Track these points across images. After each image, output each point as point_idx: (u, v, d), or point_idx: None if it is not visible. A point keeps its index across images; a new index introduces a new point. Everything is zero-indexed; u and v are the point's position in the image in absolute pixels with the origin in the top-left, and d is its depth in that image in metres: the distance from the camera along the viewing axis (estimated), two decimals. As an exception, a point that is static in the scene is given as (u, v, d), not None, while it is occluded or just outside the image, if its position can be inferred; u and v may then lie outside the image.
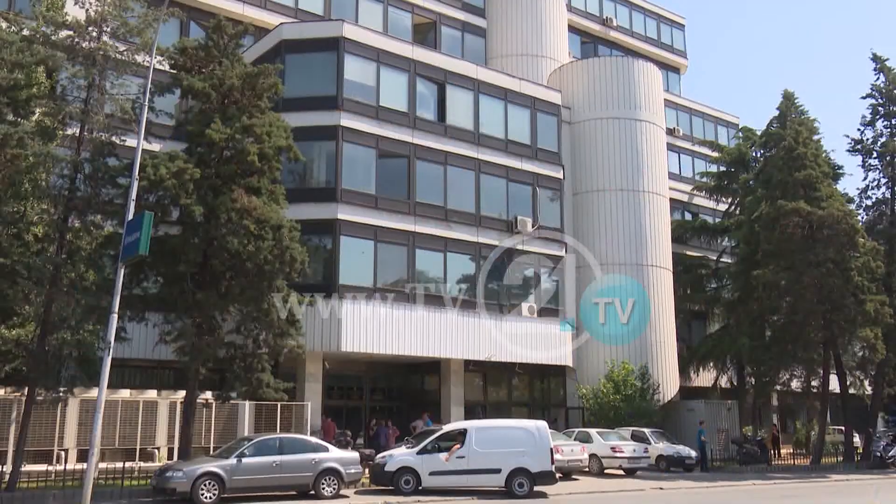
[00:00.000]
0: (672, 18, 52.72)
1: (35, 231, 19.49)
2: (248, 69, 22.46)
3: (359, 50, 29.10)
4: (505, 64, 39.03)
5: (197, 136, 21.32)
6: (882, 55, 38.46)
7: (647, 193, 36.13)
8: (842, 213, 32.10)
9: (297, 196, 25.42)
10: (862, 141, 38.35)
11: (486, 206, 31.41)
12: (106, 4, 20.49)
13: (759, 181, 37.12)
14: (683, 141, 47.78)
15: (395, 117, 29.55)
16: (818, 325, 31.91)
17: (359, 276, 27.57)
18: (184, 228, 20.94)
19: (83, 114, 20.04)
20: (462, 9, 39.88)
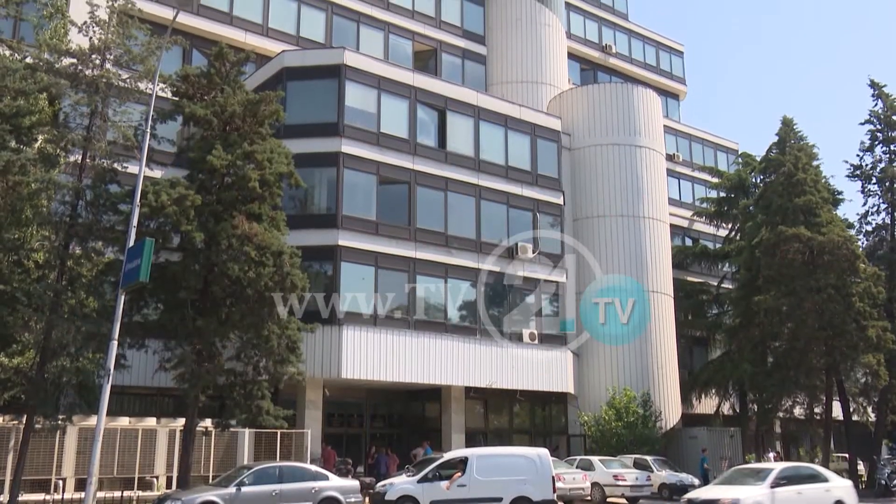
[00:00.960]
0: (671, 45, 53.08)
1: (36, 258, 19.47)
2: (249, 96, 22.57)
3: (360, 77, 29.25)
4: (505, 90, 39.25)
5: (198, 162, 21.36)
6: (879, 81, 38.73)
7: (648, 219, 36.16)
8: (842, 238, 32.08)
9: (297, 222, 25.43)
10: (861, 166, 38.46)
11: (487, 232, 31.41)
12: (109, 32, 20.63)
13: (759, 207, 37.16)
14: (683, 167, 47.91)
15: (395, 143, 29.65)
16: (820, 351, 31.76)
17: (359, 302, 27.48)
18: (184, 255, 20.93)
19: (85, 141, 20.11)
20: (462, 36, 40.16)
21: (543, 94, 39.99)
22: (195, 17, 31.11)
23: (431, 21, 38.93)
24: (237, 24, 32.54)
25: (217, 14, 32.15)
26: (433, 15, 39.10)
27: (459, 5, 40.30)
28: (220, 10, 32.28)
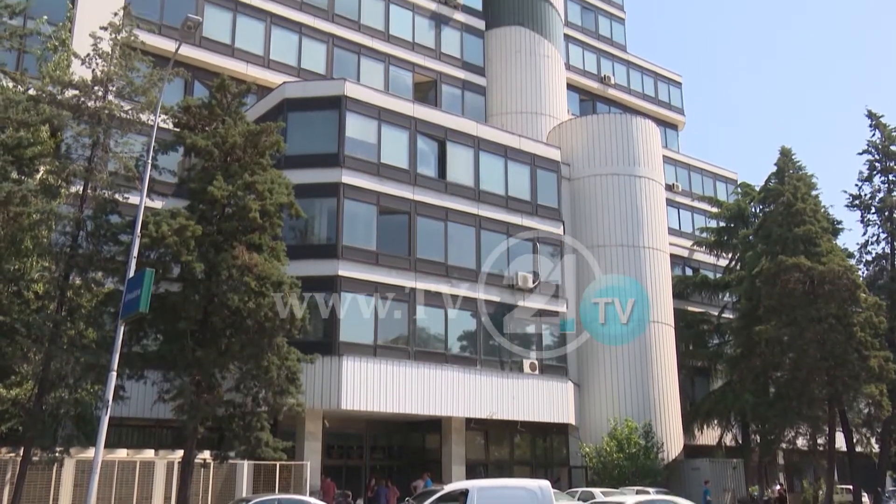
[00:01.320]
0: (669, 76, 53.49)
1: (35, 288, 19.43)
2: (250, 127, 22.68)
3: (360, 108, 29.42)
4: (505, 121, 39.47)
5: (199, 193, 21.40)
6: (877, 112, 39.00)
7: (648, 249, 36.17)
8: (842, 268, 32.08)
9: (298, 252, 25.43)
10: (860, 196, 38.61)
11: (487, 262, 31.39)
12: (112, 64, 20.78)
13: (759, 236, 37.21)
14: (682, 197, 48.04)
15: (395, 174, 29.74)
16: (822, 382, 31.62)
17: (359, 332, 27.42)
18: (184, 285, 20.89)
19: (87, 172, 20.18)
20: (462, 67, 40.47)
21: (543, 124, 40.21)
22: (197, 49, 31.36)
23: (431, 53, 39.26)
24: (239, 55, 32.80)
25: (219, 46, 32.41)
26: (433, 47, 39.44)
27: (459, 37, 40.66)
28: (222, 43, 32.55)
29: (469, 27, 40.99)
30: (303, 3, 35.17)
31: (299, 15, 34.86)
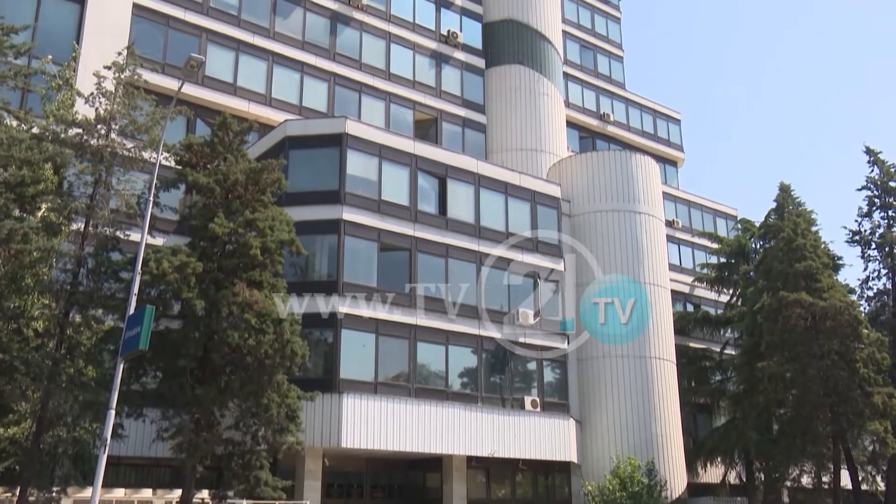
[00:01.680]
0: (668, 114, 53.86)
1: (35, 326, 19.41)
2: (251, 164, 22.83)
3: (361, 145, 29.61)
4: (505, 158, 39.67)
5: (200, 230, 21.48)
6: (875, 148, 39.23)
7: (648, 285, 36.11)
8: (844, 304, 32.02)
9: (298, 289, 25.42)
10: (860, 232, 38.67)
11: (488, 298, 31.37)
12: (115, 103, 20.99)
13: (760, 272, 37.19)
14: (683, 233, 48.12)
15: (396, 210, 29.84)
16: (826, 419, 31.39)
17: (360, 370, 27.30)
18: (185, 322, 20.87)
19: (89, 209, 20.28)
20: (462, 105, 40.78)
21: (543, 161, 40.42)
22: (200, 88, 31.63)
23: (432, 91, 39.60)
24: (241, 94, 33.07)
25: (221, 85, 32.72)
26: (433, 85, 39.80)
27: (459, 76, 41.05)
28: (224, 81, 32.85)
29: (469, 66, 41.39)
30: (305, 42, 35.57)
31: (301, 54, 35.23)
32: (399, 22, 38.95)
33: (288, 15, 35.43)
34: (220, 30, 32.93)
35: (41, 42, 25.48)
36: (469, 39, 41.55)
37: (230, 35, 33.20)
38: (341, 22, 36.98)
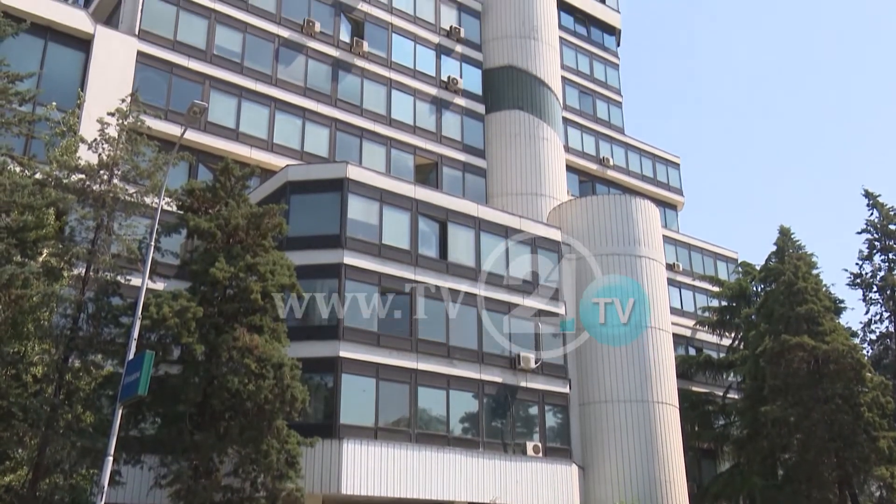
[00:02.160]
0: (667, 158, 54.22)
1: (34, 371, 19.35)
2: (253, 209, 22.93)
3: (362, 190, 29.77)
4: (505, 202, 39.82)
5: (201, 274, 21.50)
6: (874, 191, 39.46)
7: (650, 328, 35.99)
8: (846, 347, 31.93)
9: (298, 334, 25.35)
10: (861, 275, 38.74)
11: (489, 342, 31.24)
12: (118, 149, 21.18)
13: (761, 316, 37.14)
14: (683, 276, 48.09)
15: (397, 255, 29.88)
16: (831, 464, 31.08)
17: (360, 415, 27.10)
18: (184, 367, 20.78)
19: (90, 254, 20.34)
20: (463, 150, 41.08)
21: (543, 205, 40.57)
22: (202, 134, 31.91)
23: (432, 136, 39.93)
24: (243, 139, 33.35)
25: (223, 131, 33.01)
26: (434, 130, 40.15)
27: (459, 121, 41.42)
28: (226, 127, 33.15)
29: (469, 111, 41.79)
30: (307, 88, 35.97)
31: (303, 100, 35.61)
32: (400, 68, 39.44)
33: (290, 62, 35.89)
34: (222, 76, 33.34)
35: (46, 89, 25.82)
36: (469, 85, 42.02)
37: (233, 82, 33.60)
38: (343, 69, 37.45)
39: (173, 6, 32.81)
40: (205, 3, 33.67)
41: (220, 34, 33.90)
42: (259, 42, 34.98)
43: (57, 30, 29.17)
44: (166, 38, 32.24)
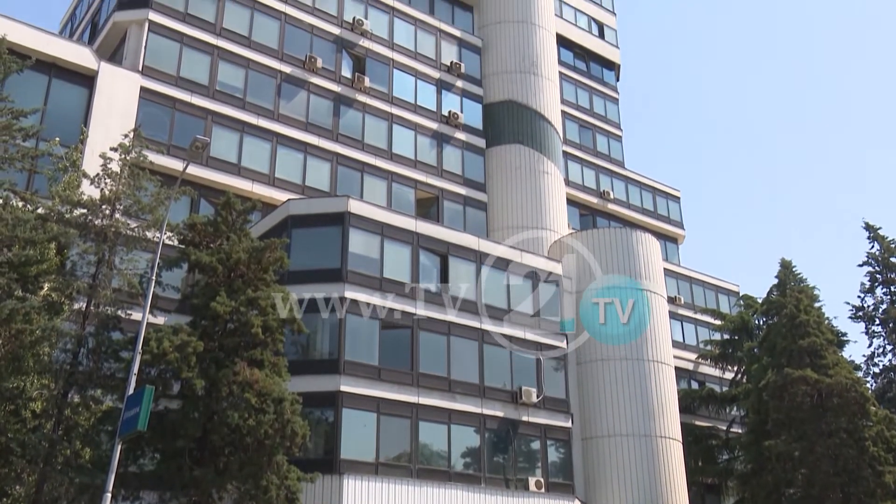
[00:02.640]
0: (667, 191, 54.39)
1: (33, 407, 19.25)
2: (254, 243, 22.99)
3: (363, 224, 29.86)
4: (506, 236, 39.84)
5: (202, 308, 21.49)
6: (874, 224, 39.55)
7: (653, 362, 35.84)
8: (850, 380, 31.77)
9: (299, 368, 25.24)
10: (863, 308, 38.68)
11: (490, 376, 31.11)
12: (121, 184, 21.28)
13: (764, 349, 37.01)
14: (685, 309, 48.00)
15: (398, 288, 29.87)
16: (836, 499, 30.74)
17: (361, 450, 26.90)
18: (184, 402, 20.68)
19: (91, 289, 20.34)
20: (463, 184, 41.24)
21: (544, 238, 40.61)
22: (204, 169, 32.06)
23: (433, 170, 40.11)
24: (245, 174, 33.50)
25: (225, 165, 33.18)
26: (435, 164, 40.34)
27: (460, 155, 41.64)
28: (228, 162, 33.32)
29: (470, 145, 42.02)
30: (308, 123, 36.20)
31: (304, 135, 35.82)
32: (401, 103, 39.74)
33: (292, 97, 36.18)
34: (225, 112, 33.58)
35: (49, 124, 26.04)
36: (470, 120, 42.30)
37: (235, 117, 33.83)
38: (344, 104, 37.73)
39: (177, 43, 33.18)
40: (208, 40, 34.04)
41: (223, 70, 34.22)
42: (261, 78, 35.30)
43: (61, 66, 29.48)
44: (169, 74, 32.55)
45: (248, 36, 35.41)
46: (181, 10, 33.67)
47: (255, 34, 35.70)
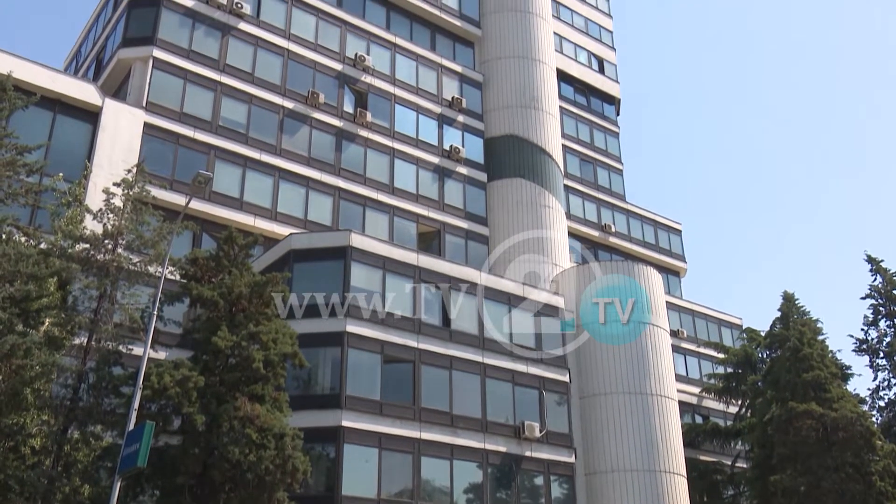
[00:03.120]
0: (669, 224, 54.49)
1: (33, 443, 19.12)
2: (256, 278, 22.98)
3: (365, 258, 29.89)
4: (508, 269, 39.81)
5: (203, 343, 21.44)
6: (876, 257, 39.49)
7: (656, 396, 35.61)
8: (855, 414, 31.56)
9: (300, 403, 25.11)
10: (867, 341, 38.52)
11: (493, 411, 30.93)
12: (123, 219, 21.34)
13: (768, 382, 36.80)
14: (688, 343, 47.83)
15: (400, 323, 29.82)
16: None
17: (362, 486, 26.64)
18: (184, 438, 20.54)
19: (92, 324, 20.33)
20: (465, 218, 41.33)
21: (546, 272, 40.57)
22: (207, 203, 32.16)
23: (435, 204, 40.24)
24: (247, 209, 33.60)
25: (228, 200, 33.29)
26: (436, 198, 40.48)
27: (462, 189, 41.78)
28: (230, 196, 33.44)
29: (471, 179, 42.18)
30: (311, 158, 36.38)
31: (307, 170, 35.98)
32: (403, 138, 39.98)
33: (295, 132, 36.41)
34: (228, 147, 33.77)
35: (53, 159, 26.17)
36: (471, 154, 42.51)
37: (238, 152, 34.01)
38: (346, 138, 37.95)
39: (180, 79, 33.48)
40: (211, 76, 34.35)
41: (226, 106, 34.48)
42: (264, 113, 35.56)
43: (66, 102, 29.72)
44: (173, 110, 32.79)
45: (251, 72, 35.74)
46: (185, 47, 34.03)
47: (259, 70, 36.04)
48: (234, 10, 35.68)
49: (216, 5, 35.27)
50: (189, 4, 34.66)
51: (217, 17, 35.32)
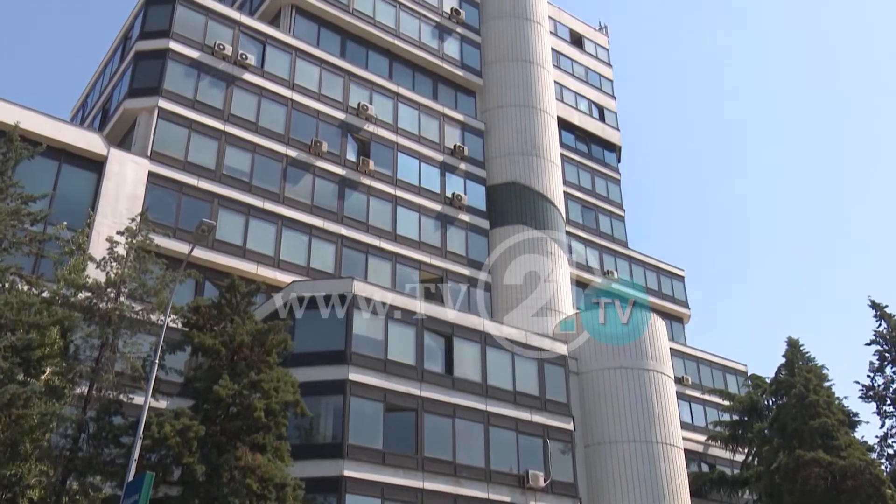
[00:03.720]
0: (671, 271, 54.48)
1: (31, 495, 18.88)
2: (258, 326, 22.93)
3: (368, 306, 29.83)
4: (511, 316, 39.70)
5: (204, 392, 21.31)
6: (880, 302, 39.26)
7: (661, 444, 35.24)
8: (864, 462, 31.15)
9: (302, 452, 24.86)
10: (874, 387, 38.12)
11: (496, 460, 30.56)
12: (126, 267, 21.37)
13: (774, 430, 36.37)
14: (693, 390, 47.45)
15: (403, 370, 29.65)
16: (855, 586, 29.79)
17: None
18: (184, 488, 20.31)
19: (93, 372, 20.23)
20: (468, 265, 41.34)
21: (549, 319, 40.46)
22: (209, 251, 32.21)
23: (437, 251, 40.29)
24: (250, 257, 33.66)
25: (231, 248, 33.36)
26: (439, 245, 40.55)
27: (464, 236, 41.90)
28: (233, 244, 33.52)
29: (473, 226, 42.32)
30: (314, 206, 36.54)
31: (309, 217, 36.12)
32: (405, 186, 40.21)
33: (298, 180, 36.63)
34: (231, 195, 33.94)
35: (57, 208, 26.34)
36: (473, 201, 42.72)
37: (241, 200, 34.17)
38: (349, 186, 38.17)
39: (185, 129, 33.81)
40: (216, 125, 34.70)
41: (230, 154, 34.77)
42: (267, 161, 35.83)
43: (71, 152, 29.96)
44: (177, 159, 33.04)
45: (255, 121, 36.11)
46: (190, 98, 34.43)
47: (262, 119, 36.41)
48: (238, 61, 36.19)
49: (221, 56, 35.78)
50: (195, 56, 35.18)
51: (222, 67, 35.81)
